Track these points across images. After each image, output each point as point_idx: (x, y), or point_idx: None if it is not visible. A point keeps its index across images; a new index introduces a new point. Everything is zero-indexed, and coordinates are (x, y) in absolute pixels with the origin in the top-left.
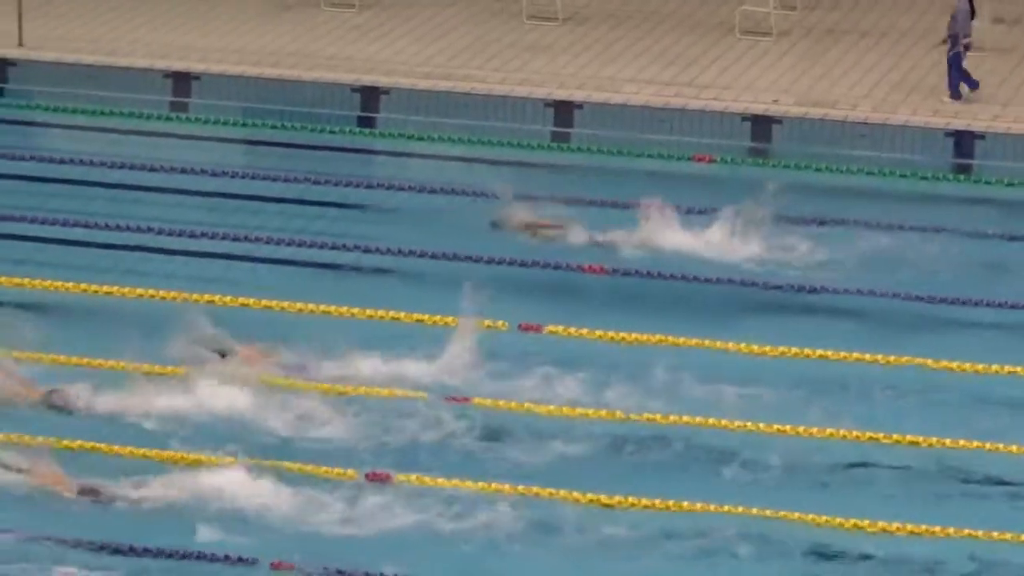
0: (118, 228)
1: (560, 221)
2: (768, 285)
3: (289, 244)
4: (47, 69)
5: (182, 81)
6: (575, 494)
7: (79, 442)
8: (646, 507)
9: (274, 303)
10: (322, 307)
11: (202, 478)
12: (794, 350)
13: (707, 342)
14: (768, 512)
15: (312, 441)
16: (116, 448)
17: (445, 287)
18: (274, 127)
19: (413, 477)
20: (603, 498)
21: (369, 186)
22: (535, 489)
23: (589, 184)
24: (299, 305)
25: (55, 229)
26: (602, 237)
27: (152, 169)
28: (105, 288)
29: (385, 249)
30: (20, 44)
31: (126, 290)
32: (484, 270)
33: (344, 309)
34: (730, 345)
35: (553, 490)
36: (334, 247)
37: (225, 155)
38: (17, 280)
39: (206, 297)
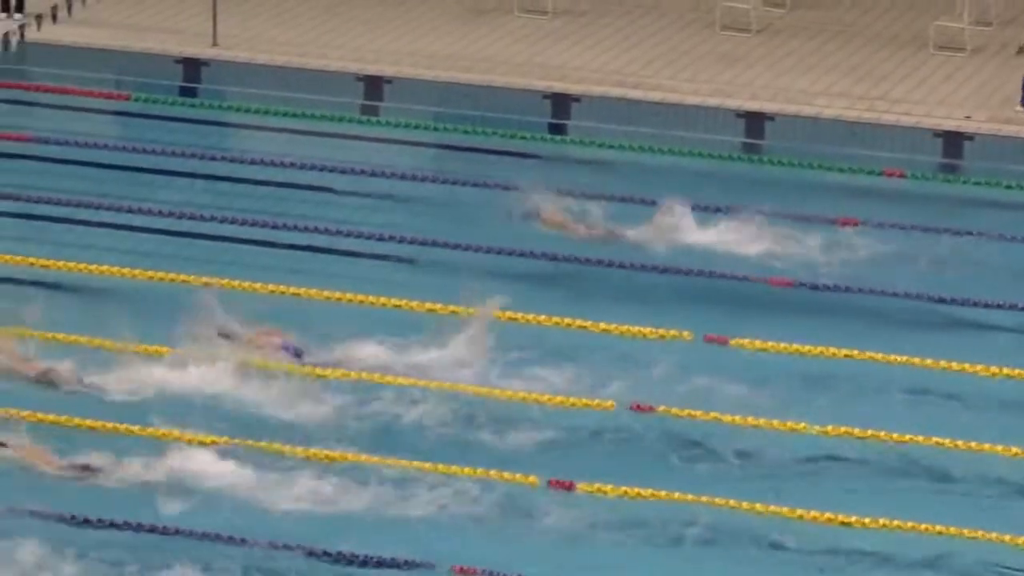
0: (306, 229)
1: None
2: (964, 302)
3: (477, 251)
4: (239, 70)
5: (374, 84)
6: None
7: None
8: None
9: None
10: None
11: (193, 457)
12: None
13: (901, 358)
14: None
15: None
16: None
17: (632, 295)
18: (464, 132)
19: (595, 486)
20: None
21: (559, 193)
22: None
23: (780, 196)
24: (510, 314)
25: (244, 229)
26: (788, 250)
27: (342, 171)
28: (292, 290)
29: (584, 259)
30: (214, 44)
31: (313, 292)
32: (663, 280)
33: (571, 320)
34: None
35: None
36: (521, 255)
37: (415, 159)
38: (206, 279)
39: (393, 301)
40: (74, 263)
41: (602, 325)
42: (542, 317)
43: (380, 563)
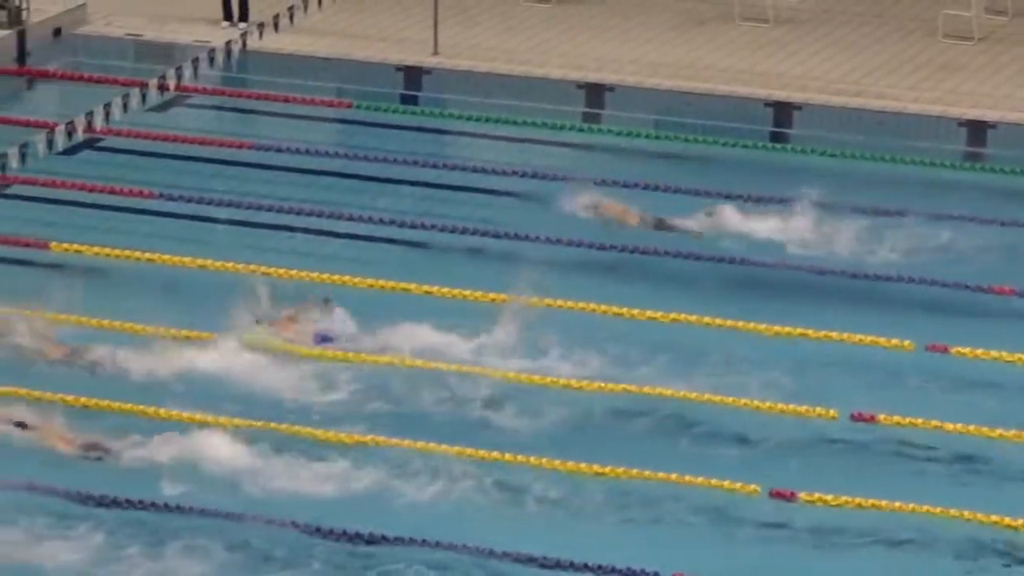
0: (526, 239)
1: None
2: None
3: (697, 259)
4: (460, 78)
5: (595, 93)
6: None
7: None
8: None
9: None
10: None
11: (211, 439)
12: None
13: None
14: None
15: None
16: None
17: (859, 303)
18: (686, 140)
19: (816, 496)
20: None
21: (781, 201)
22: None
23: (1002, 205)
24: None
25: (463, 238)
26: (1012, 257)
27: (563, 180)
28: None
29: (807, 267)
30: (435, 53)
31: (534, 300)
32: (886, 288)
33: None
34: None
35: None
36: (743, 261)
37: (637, 167)
38: (438, 290)
39: (624, 311)
40: (295, 271)
41: (832, 334)
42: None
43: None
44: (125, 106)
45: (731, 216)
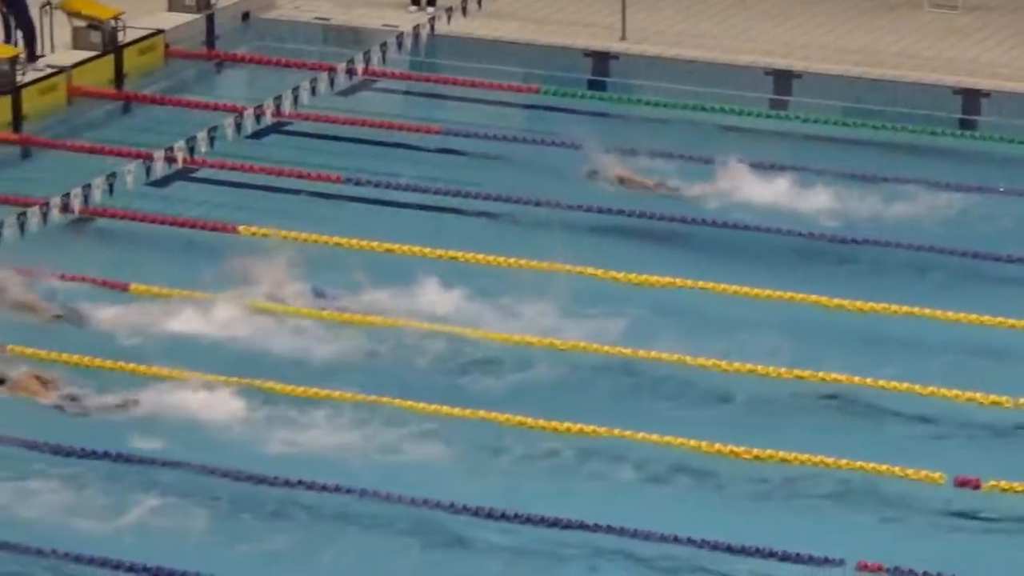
0: (717, 224)
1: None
2: None
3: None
4: (648, 64)
5: (783, 79)
6: None
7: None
8: None
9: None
10: None
11: (196, 395)
12: None
13: None
14: None
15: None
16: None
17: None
18: (873, 127)
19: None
20: None
21: (968, 190)
22: None
23: None
24: None
25: (652, 224)
26: None
27: (763, 167)
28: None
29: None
30: (622, 38)
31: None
32: None
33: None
34: None
35: None
36: (924, 248)
37: (823, 154)
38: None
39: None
40: (482, 255)
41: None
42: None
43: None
44: (313, 90)
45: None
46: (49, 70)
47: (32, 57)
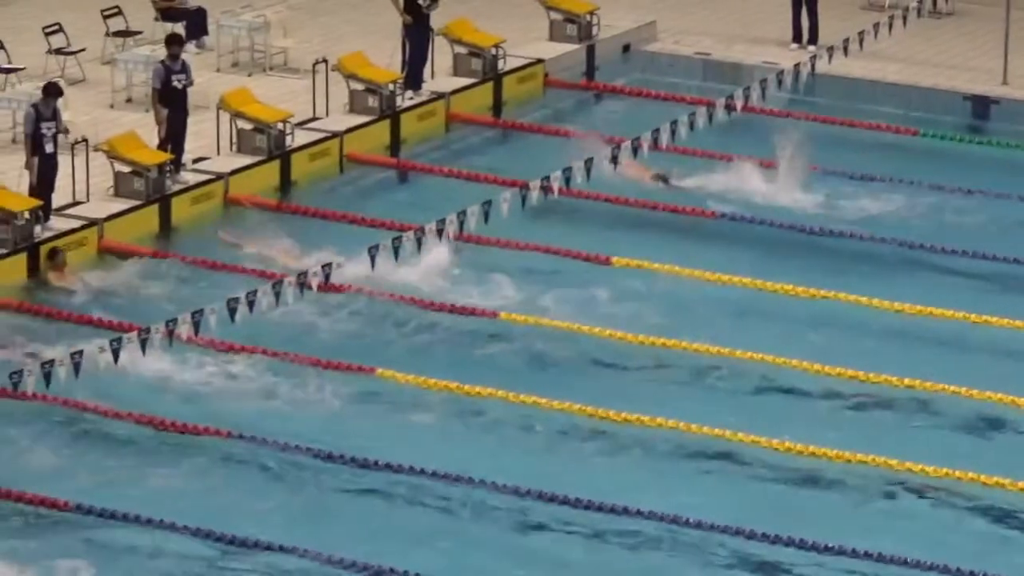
0: None
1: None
2: None
3: None
4: None
5: None
6: None
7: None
8: None
9: None
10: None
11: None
12: None
13: None
14: None
15: None
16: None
17: None
18: None
19: None
20: None
21: None
22: None
23: None
24: None
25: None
26: None
27: None
28: None
29: None
30: (1004, 82)
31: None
32: None
33: None
34: None
35: None
36: None
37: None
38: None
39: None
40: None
41: None
42: None
43: None
44: (692, 124)
45: None
46: (430, 95)
47: (416, 84)
